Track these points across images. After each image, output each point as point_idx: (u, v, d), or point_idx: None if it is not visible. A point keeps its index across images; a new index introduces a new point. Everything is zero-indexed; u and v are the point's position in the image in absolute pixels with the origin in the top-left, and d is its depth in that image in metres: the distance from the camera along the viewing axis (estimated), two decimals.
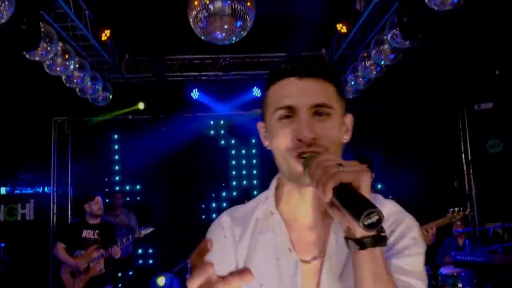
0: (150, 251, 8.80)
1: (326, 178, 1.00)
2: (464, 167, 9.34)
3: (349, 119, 1.28)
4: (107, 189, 8.50)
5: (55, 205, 8.55)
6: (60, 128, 8.72)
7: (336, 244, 1.21)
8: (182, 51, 8.40)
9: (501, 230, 8.15)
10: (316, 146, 1.15)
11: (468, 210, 4.85)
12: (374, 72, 6.92)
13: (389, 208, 1.26)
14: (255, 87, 8.56)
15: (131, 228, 7.42)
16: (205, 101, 8.60)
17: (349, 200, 0.99)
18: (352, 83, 7.79)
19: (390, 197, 1.40)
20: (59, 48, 5.69)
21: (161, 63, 8.01)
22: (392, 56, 6.23)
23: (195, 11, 4.91)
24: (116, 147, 8.88)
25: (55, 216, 8.50)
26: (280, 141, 1.19)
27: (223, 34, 4.97)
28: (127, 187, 8.78)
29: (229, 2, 4.78)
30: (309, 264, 1.22)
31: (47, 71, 5.89)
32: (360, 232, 1.03)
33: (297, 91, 1.19)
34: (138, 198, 8.88)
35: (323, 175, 1.01)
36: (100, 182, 8.75)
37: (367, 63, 6.92)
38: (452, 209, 4.77)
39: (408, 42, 5.66)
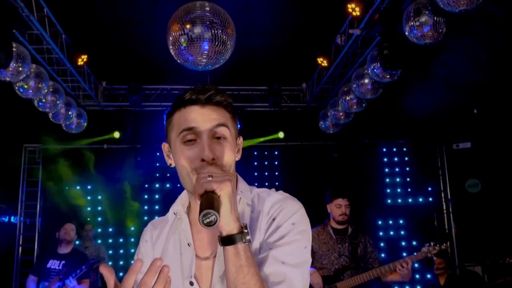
0: None
1: (196, 187, 1.26)
2: (444, 206, 9.27)
3: (240, 140, 1.53)
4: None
5: (21, 236, 8.14)
6: (31, 156, 8.42)
7: None
8: (161, 81, 8.29)
9: (481, 270, 8.05)
10: (215, 166, 1.35)
11: (444, 245, 4.68)
12: (355, 107, 6.87)
13: (273, 198, 1.46)
14: None
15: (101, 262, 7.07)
16: None
17: (201, 204, 1.23)
18: (332, 118, 7.73)
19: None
20: (32, 70, 5.51)
21: (139, 92, 7.85)
22: (372, 89, 6.18)
23: (174, 36, 4.81)
24: (89, 176, 8.56)
25: (20, 247, 8.09)
26: (186, 162, 1.39)
27: (202, 61, 4.86)
28: (99, 219, 8.43)
29: (209, 28, 4.69)
30: (207, 261, 1.44)
31: (18, 93, 5.68)
32: (225, 231, 1.24)
33: (200, 117, 1.40)
34: (110, 229, 8.54)
35: (196, 186, 1.27)
36: (72, 213, 8.37)
37: (348, 98, 6.87)
38: (428, 244, 4.63)
39: (388, 76, 5.63)
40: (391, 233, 8.98)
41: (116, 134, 8.19)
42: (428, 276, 8.70)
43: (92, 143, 8.26)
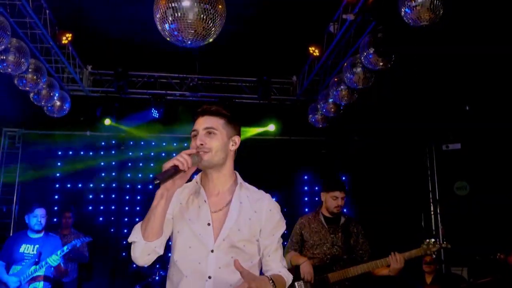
0: None
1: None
2: (432, 207, 9.16)
3: (237, 139, 2.29)
4: (56, 208, 7.86)
5: None
6: (11, 141, 8.13)
7: (235, 203, 2.22)
8: (149, 68, 8.08)
9: (467, 273, 7.91)
10: (203, 148, 2.14)
11: (445, 243, 4.42)
12: (346, 98, 6.71)
13: (268, 198, 2.34)
14: None
15: (79, 252, 6.68)
16: (169, 121, 8.16)
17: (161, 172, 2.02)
18: (323, 111, 7.57)
19: None
20: (12, 43, 5.27)
21: (125, 78, 7.61)
22: (364, 78, 6.03)
23: (161, 10, 4.62)
24: (71, 164, 8.29)
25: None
26: (191, 146, 2.19)
27: (190, 36, 4.66)
28: (81, 208, 8.15)
29: (198, 1, 4.51)
30: (217, 213, 2.20)
31: None
32: None
33: (200, 122, 2.22)
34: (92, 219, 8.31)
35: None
36: (50, 202, 8.10)
37: (339, 88, 6.72)
38: (427, 240, 4.35)
39: (381, 63, 5.49)
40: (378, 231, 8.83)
41: (107, 121, 7.93)
42: None
43: (75, 130, 8.00)
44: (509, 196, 7.99)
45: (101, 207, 8.40)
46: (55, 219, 6.90)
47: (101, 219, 8.34)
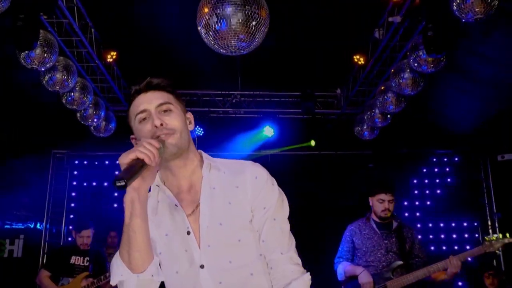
0: None
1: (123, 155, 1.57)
2: (489, 221, 8.67)
3: (189, 115, 1.82)
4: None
5: (46, 244, 7.91)
6: (59, 162, 8.25)
7: (205, 193, 1.72)
8: (191, 86, 8.10)
9: None
10: (165, 129, 1.64)
11: (509, 237, 4.09)
12: (393, 106, 6.47)
13: (251, 166, 1.81)
14: (267, 126, 8.10)
15: None
16: (213, 139, 8.10)
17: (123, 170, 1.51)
18: (369, 121, 7.34)
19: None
20: (59, 61, 5.36)
21: None
22: (413, 84, 5.80)
23: (205, 19, 4.60)
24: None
25: (45, 256, 7.83)
26: (144, 134, 1.66)
27: (234, 44, 4.61)
28: None
29: (240, 8, 4.46)
30: (191, 216, 1.71)
31: (46, 86, 5.52)
32: None
33: (146, 100, 1.70)
34: None
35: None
36: (100, 223, 8.12)
37: (386, 96, 6.50)
38: (489, 237, 4.06)
39: (432, 64, 5.26)
40: (432, 248, 8.43)
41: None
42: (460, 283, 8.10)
43: (121, 150, 8.03)
44: None
45: None
46: (109, 239, 6.93)
47: None
